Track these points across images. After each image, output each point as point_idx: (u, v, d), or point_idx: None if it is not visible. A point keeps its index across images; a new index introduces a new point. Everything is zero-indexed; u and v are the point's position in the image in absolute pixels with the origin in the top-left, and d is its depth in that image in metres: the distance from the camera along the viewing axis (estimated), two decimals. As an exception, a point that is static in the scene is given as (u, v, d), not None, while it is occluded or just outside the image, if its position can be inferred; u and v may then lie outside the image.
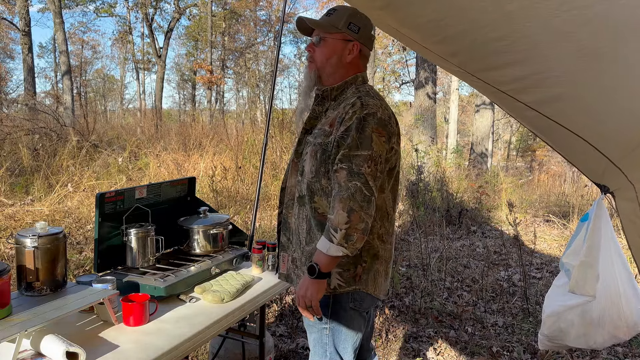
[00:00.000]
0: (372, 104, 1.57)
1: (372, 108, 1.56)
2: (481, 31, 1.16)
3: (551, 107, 1.40)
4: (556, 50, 1.15)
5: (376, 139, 1.53)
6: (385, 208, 1.65)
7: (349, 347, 1.70)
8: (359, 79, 1.72)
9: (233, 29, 24.80)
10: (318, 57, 1.71)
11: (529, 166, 18.03)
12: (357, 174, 1.49)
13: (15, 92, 22.50)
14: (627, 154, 1.49)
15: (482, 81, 1.40)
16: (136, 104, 28.68)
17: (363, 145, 1.51)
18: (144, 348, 1.49)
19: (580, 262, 1.78)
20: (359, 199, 1.47)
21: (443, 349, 3.22)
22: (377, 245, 1.65)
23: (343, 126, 1.56)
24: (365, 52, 1.73)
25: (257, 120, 14.44)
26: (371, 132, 1.53)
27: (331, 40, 1.69)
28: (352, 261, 1.62)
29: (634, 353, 3.21)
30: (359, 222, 1.47)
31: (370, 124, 1.53)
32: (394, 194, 1.69)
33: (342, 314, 1.67)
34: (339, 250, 1.48)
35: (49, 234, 1.69)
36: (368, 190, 1.49)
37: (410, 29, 1.42)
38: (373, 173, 1.51)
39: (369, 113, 1.55)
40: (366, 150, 1.51)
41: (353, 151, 1.51)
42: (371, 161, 1.51)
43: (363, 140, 1.52)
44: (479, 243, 5.95)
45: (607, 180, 1.71)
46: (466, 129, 24.00)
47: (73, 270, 4.03)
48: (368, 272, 1.65)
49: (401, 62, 20.36)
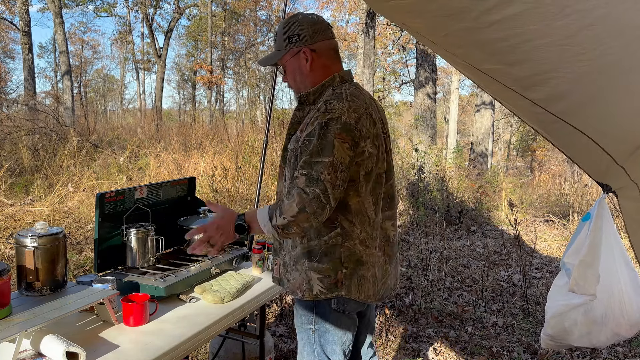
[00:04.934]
0: (337, 107, 1.53)
1: (335, 112, 1.51)
2: (484, 31, 1.16)
3: (556, 105, 1.40)
4: (559, 52, 1.15)
5: (338, 145, 1.48)
6: (365, 212, 1.60)
7: (337, 348, 1.69)
8: (336, 80, 1.67)
9: (233, 29, 24.79)
10: (290, 81, 1.74)
11: (529, 166, 18.03)
12: (317, 181, 1.46)
13: (15, 92, 22.55)
14: (631, 153, 1.49)
15: (488, 76, 1.41)
16: (136, 104, 28.71)
17: (324, 152, 1.48)
18: (144, 348, 1.49)
19: (580, 262, 1.78)
20: (314, 204, 1.46)
21: (443, 349, 3.22)
22: (359, 250, 1.61)
23: (306, 131, 1.54)
24: (322, 48, 1.67)
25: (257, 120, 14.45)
26: (333, 138, 1.48)
27: (287, 63, 1.70)
28: (332, 267, 1.59)
29: (634, 353, 3.21)
30: (304, 222, 1.48)
31: (332, 130, 1.49)
32: (375, 197, 1.63)
33: (326, 316, 1.67)
34: (269, 231, 1.54)
35: (49, 234, 1.69)
36: (325, 198, 1.46)
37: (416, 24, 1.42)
38: (333, 180, 1.47)
39: (332, 118, 1.51)
40: (327, 157, 1.47)
41: (314, 157, 1.48)
42: (331, 168, 1.47)
43: (324, 146, 1.48)
44: (479, 243, 5.95)
45: (609, 179, 1.70)
46: (466, 129, 24.00)
47: (73, 270, 4.03)
48: (350, 277, 1.61)
49: (401, 62, 20.36)
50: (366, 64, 9.76)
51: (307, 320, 1.69)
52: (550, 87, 1.31)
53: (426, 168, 8.41)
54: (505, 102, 1.69)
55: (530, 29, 1.11)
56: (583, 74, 1.21)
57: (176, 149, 8.39)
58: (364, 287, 1.64)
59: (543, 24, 1.08)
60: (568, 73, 1.23)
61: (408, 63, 18.54)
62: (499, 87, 1.45)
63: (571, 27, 1.06)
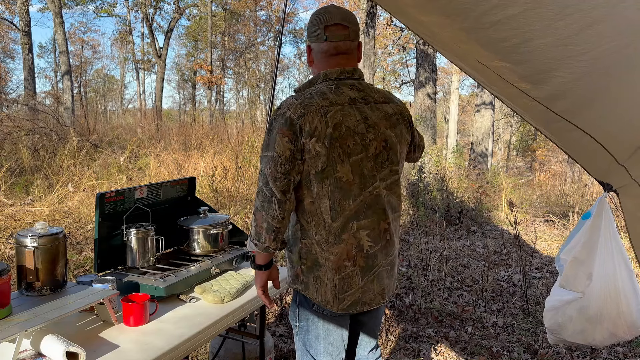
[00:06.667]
0: (286, 104, 1.57)
1: (283, 108, 1.56)
2: (485, 31, 1.16)
3: (558, 104, 1.40)
4: (560, 52, 1.15)
5: (279, 140, 1.52)
6: (320, 215, 1.57)
7: (321, 349, 1.68)
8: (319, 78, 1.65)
9: (233, 29, 24.79)
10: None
11: (529, 166, 18.03)
12: (262, 175, 1.54)
13: (15, 92, 22.56)
14: (632, 152, 1.49)
15: (492, 71, 1.41)
16: (136, 104, 28.70)
17: (269, 147, 1.54)
18: (144, 348, 1.49)
19: (573, 258, 1.78)
20: (260, 198, 1.53)
21: (443, 349, 3.21)
22: (316, 251, 1.59)
23: None
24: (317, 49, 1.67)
25: (257, 120, 14.45)
26: (276, 133, 1.53)
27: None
28: (296, 259, 1.65)
29: (634, 353, 3.21)
30: (262, 221, 1.53)
31: (277, 125, 1.55)
32: (332, 201, 1.55)
33: (308, 315, 1.68)
34: (251, 245, 1.59)
35: (49, 234, 1.68)
36: (268, 190, 1.51)
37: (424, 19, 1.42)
38: (273, 174, 1.51)
39: (279, 114, 1.56)
40: (270, 152, 1.53)
41: (263, 152, 1.57)
42: (272, 162, 1.52)
43: (270, 142, 1.55)
44: (479, 243, 5.95)
45: (610, 178, 1.70)
46: (466, 129, 24.00)
47: (73, 270, 4.03)
48: (307, 275, 1.62)
49: (401, 62, 20.36)
50: (366, 64, 9.76)
51: (293, 317, 1.74)
52: (552, 86, 1.31)
53: (426, 168, 8.41)
54: (507, 100, 1.68)
55: (531, 29, 1.11)
56: (584, 73, 1.21)
57: (176, 149, 8.39)
58: (321, 289, 1.61)
59: (544, 24, 1.08)
60: (569, 73, 1.23)
61: (408, 63, 18.54)
62: (502, 84, 1.45)
63: (572, 27, 1.07)
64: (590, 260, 1.75)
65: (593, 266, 1.76)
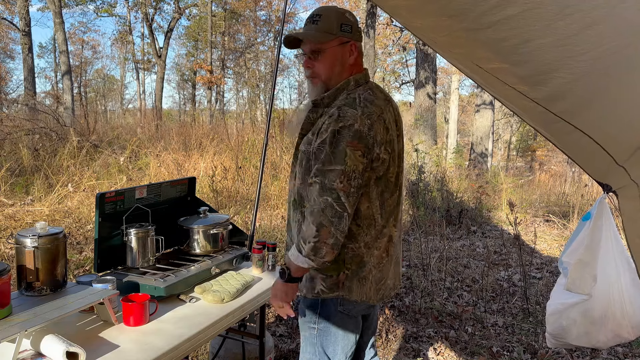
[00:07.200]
0: (350, 115, 1.51)
1: (348, 120, 1.50)
2: (485, 32, 1.16)
3: (557, 104, 1.40)
4: (559, 52, 1.15)
5: (350, 154, 1.48)
6: (372, 216, 1.61)
7: (339, 349, 1.69)
8: (350, 84, 1.65)
9: (233, 29, 24.79)
10: (322, 70, 1.66)
11: (529, 166, 18.03)
12: (330, 190, 1.46)
13: (15, 92, 22.54)
14: (631, 153, 1.49)
15: (490, 74, 1.41)
16: (136, 104, 28.68)
17: (336, 160, 1.48)
18: (144, 348, 1.49)
19: (577, 261, 1.78)
20: (329, 214, 1.46)
21: (443, 349, 3.21)
22: (363, 253, 1.61)
23: (319, 138, 1.53)
24: (360, 49, 1.70)
25: (257, 120, 14.44)
26: (345, 146, 1.48)
27: (330, 50, 1.64)
28: (335, 267, 1.60)
29: (634, 353, 3.21)
30: (328, 237, 1.46)
31: (344, 138, 1.48)
32: (382, 201, 1.62)
33: (330, 317, 1.67)
34: (305, 262, 1.50)
35: (49, 234, 1.68)
36: (340, 206, 1.46)
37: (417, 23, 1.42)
38: (346, 189, 1.46)
39: (344, 125, 1.49)
40: (339, 165, 1.47)
41: (327, 166, 1.48)
42: (344, 176, 1.47)
43: (337, 154, 1.48)
44: (479, 243, 5.95)
45: (610, 179, 1.70)
46: (466, 129, 23.99)
47: (73, 270, 4.03)
48: (352, 279, 1.62)
49: (401, 62, 20.36)
50: (366, 64, 9.76)
51: (311, 319, 1.70)
52: (551, 87, 1.31)
53: (426, 168, 8.41)
54: (506, 101, 1.68)
55: (530, 30, 1.11)
56: (584, 73, 1.21)
57: (176, 149, 8.39)
58: (365, 287, 1.64)
59: (543, 24, 1.08)
60: (569, 73, 1.23)
61: (408, 63, 18.54)
62: (501, 86, 1.45)
63: (572, 27, 1.06)
64: (594, 262, 1.75)
65: (597, 268, 1.75)
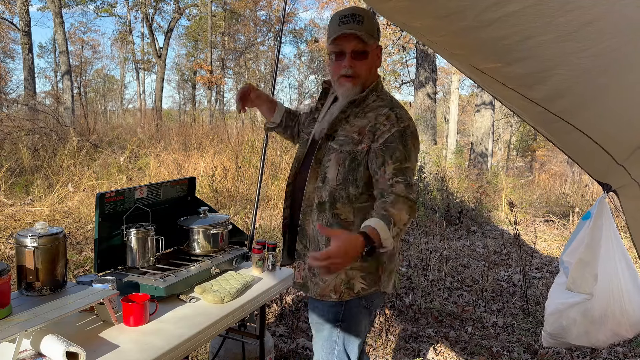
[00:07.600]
0: (405, 116, 1.62)
1: (406, 121, 1.61)
2: (484, 30, 1.16)
3: (556, 104, 1.40)
4: (559, 49, 1.15)
5: (414, 153, 1.61)
6: None
7: (356, 346, 1.72)
8: (378, 86, 1.73)
9: (233, 29, 24.79)
10: (364, 71, 1.67)
11: (529, 166, 18.03)
12: (412, 187, 1.55)
13: (15, 92, 22.53)
14: (631, 152, 1.49)
15: (487, 75, 1.41)
16: (136, 104, 28.67)
17: (410, 159, 1.58)
18: (144, 348, 1.49)
19: (578, 260, 1.78)
20: (415, 209, 1.54)
21: (443, 349, 3.21)
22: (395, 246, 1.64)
23: (381, 138, 1.58)
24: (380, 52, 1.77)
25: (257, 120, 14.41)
26: (412, 145, 1.59)
27: (372, 52, 1.69)
28: (375, 264, 1.66)
29: (634, 353, 3.21)
30: (409, 226, 1.57)
31: (410, 137, 1.59)
32: None
33: (356, 314, 1.69)
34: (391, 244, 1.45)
35: (49, 234, 1.68)
36: (416, 201, 1.56)
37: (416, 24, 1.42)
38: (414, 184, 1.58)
39: (407, 126, 1.60)
40: (412, 163, 1.59)
41: (403, 164, 1.56)
42: (413, 173, 1.60)
43: (409, 153, 1.58)
44: (479, 243, 5.95)
45: (610, 179, 1.70)
46: (466, 129, 23.99)
47: (73, 270, 4.02)
48: (384, 272, 1.70)
49: (401, 62, 20.35)
50: (366, 64, 9.76)
51: (334, 318, 1.69)
52: (551, 85, 1.31)
53: (426, 168, 8.41)
54: (505, 101, 1.69)
55: (531, 27, 1.11)
56: (584, 70, 1.21)
57: (176, 149, 8.39)
58: (392, 279, 1.73)
59: (544, 21, 1.08)
60: (568, 70, 1.23)
61: (408, 63, 18.52)
62: (500, 86, 1.45)
63: (572, 24, 1.06)
64: (595, 261, 1.75)
65: (598, 267, 1.76)
